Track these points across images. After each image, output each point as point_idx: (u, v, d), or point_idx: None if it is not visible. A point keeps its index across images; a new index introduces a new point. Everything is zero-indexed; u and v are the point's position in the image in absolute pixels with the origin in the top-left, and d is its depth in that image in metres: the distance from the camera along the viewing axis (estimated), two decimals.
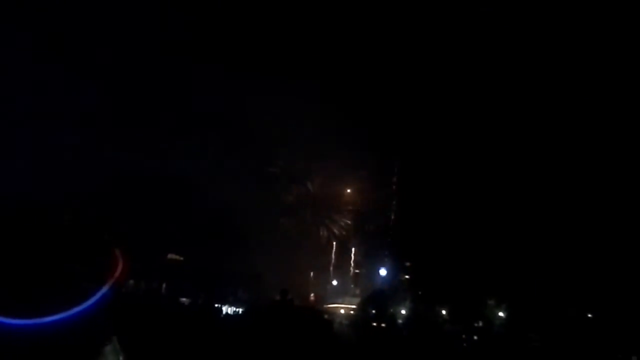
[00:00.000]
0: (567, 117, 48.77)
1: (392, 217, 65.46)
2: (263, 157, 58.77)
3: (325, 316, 18.49)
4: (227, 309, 37.74)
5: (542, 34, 48.90)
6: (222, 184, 53.12)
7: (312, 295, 56.38)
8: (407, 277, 59.26)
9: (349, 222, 68.40)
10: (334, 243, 67.45)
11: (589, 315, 41.52)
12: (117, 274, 1.31)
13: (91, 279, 1.26)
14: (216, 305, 33.60)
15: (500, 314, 49.92)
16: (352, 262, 66.94)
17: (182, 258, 56.45)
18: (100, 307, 1.24)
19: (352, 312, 50.79)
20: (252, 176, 58.79)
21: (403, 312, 49.82)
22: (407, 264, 60.01)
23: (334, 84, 57.02)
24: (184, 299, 33.29)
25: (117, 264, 1.34)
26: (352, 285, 64.27)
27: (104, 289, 1.25)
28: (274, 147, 58.24)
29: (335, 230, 68.05)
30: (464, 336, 30.56)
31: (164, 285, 46.76)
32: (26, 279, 1.18)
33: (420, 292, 53.16)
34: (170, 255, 55.92)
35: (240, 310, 32.97)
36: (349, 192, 68.27)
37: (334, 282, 65.19)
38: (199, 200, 54.97)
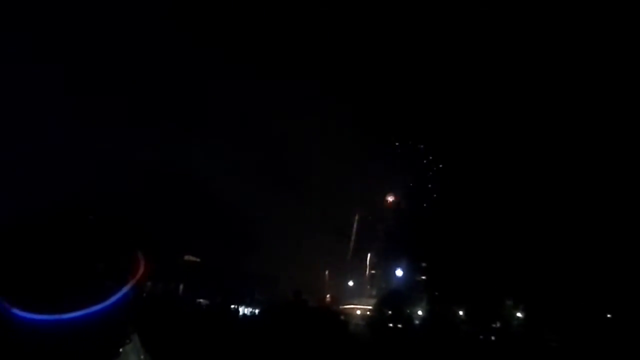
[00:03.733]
0: (583, 121, 48.40)
1: (408, 218, 65.22)
2: (280, 159, 59.06)
3: (342, 317, 18.42)
4: (244, 310, 37.78)
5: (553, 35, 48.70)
6: (240, 186, 53.49)
7: (328, 296, 56.43)
8: (423, 277, 58.98)
9: (366, 223, 68.38)
10: (351, 244, 67.47)
11: (608, 316, 40.92)
12: (138, 275, 1.35)
13: (113, 278, 1.30)
14: (233, 306, 33.63)
15: (518, 314, 49.40)
16: (368, 263, 66.88)
17: (199, 259, 56.76)
18: (122, 307, 1.28)
19: (368, 312, 50.59)
20: (269, 178, 59.10)
21: (419, 312, 49.53)
22: (423, 264, 59.72)
23: (349, 90, 57.30)
24: (201, 300, 33.37)
25: (138, 265, 1.37)
26: (368, 286, 64.20)
27: (126, 289, 1.29)
28: (291, 148, 58.53)
29: (352, 232, 68.06)
30: (481, 337, 30.28)
31: (181, 287, 46.98)
32: (48, 274, 1.21)
33: (436, 293, 52.84)
34: (187, 257, 56.23)
35: (257, 311, 32.94)
36: (365, 194, 68.22)
37: (350, 283, 65.18)
38: (216, 201, 55.33)
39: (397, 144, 66.22)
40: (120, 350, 1.38)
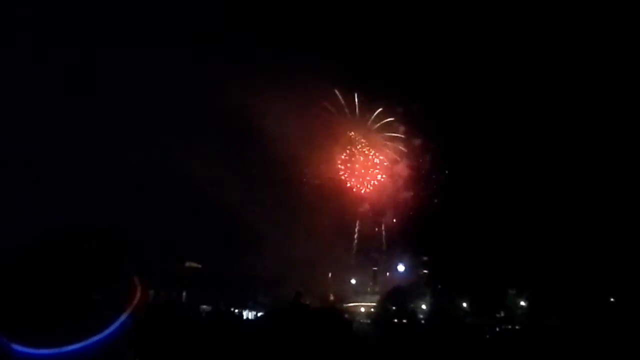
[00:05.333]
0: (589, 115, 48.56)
1: (409, 212, 65.25)
2: (276, 160, 58.80)
3: (346, 316, 18.47)
4: (247, 314, 37.76)
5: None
6: (238, 189, 53.21)
7: (331, 295, 56.36)
8: (425, 271, 58.96)
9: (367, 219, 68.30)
10: (354, 243, 67.38)
11: (612, 300, 41.04)
12: (135, 301, 1.36)
13: (110, 307, 1.31)
14: (236, 310, 33.57)
15: (522, 303, 49.50)
16: (370, 259, 66.81)
17: (200, 265, 56.64)
18: (121, 334, 1.29)
19: (372, 310, 50.63)
20: (267, 179, 58.84)
21: (423, 307, 49.60)
22: (425, 258, 59.72)
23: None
24: (204, 307, 33.31)
25: (135, 291, 1.38)
26: (371, 283, 64.03)
27: (123, 317, 1.30)
28: (287, 150, 58.26)
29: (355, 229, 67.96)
30: (486, 328, 30.33)
31: (184, 294, 46.93)
32: (45, 308, 1.22)
33: (439, 286, 52.88)
34: (188, 263, 56.11)
35: (260, 314, 32.96)
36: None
37: (353, 281, 64.97)
38: (216, 206, 55.10)
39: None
40: None
